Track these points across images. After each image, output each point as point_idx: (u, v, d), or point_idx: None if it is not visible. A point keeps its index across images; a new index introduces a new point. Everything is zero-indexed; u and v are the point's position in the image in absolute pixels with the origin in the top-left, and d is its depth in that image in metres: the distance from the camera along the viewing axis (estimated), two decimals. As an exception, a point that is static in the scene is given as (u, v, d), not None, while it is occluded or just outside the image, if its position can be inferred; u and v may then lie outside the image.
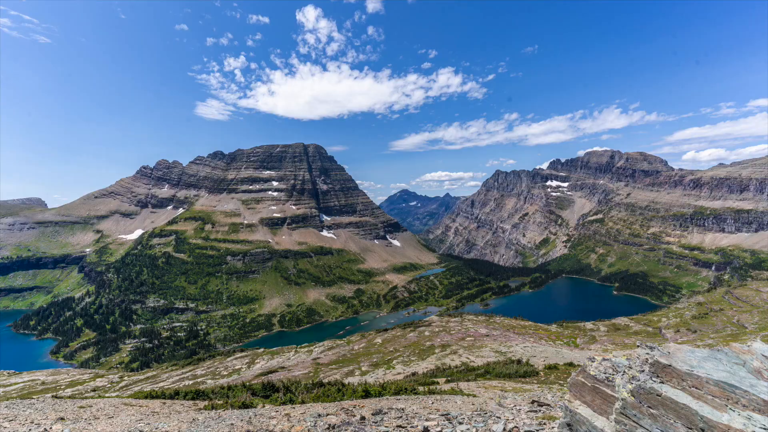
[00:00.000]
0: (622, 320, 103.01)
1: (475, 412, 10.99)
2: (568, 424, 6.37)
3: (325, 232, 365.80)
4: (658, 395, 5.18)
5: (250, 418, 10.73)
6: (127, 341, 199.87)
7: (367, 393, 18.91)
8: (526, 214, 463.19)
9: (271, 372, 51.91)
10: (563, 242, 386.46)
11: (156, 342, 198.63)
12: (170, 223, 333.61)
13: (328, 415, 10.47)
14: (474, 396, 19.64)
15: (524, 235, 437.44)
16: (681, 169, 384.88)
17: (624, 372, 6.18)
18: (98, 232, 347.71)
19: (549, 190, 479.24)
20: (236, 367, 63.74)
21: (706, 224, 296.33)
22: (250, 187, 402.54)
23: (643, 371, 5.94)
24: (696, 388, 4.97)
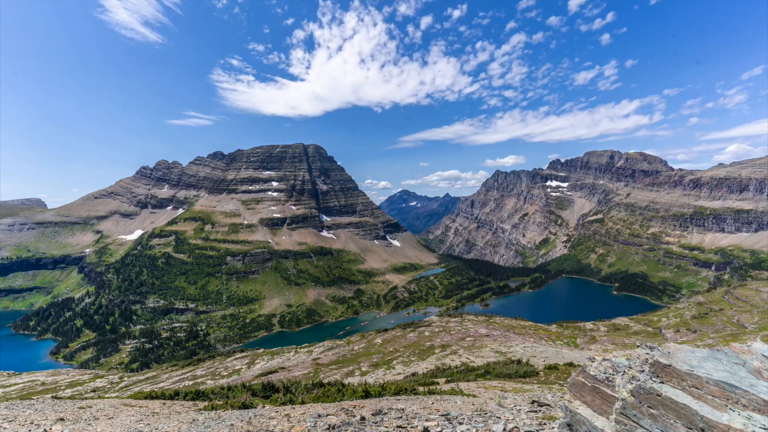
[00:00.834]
0: (622, 320, 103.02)
1: (475, 413, 10.99)
2: (568, 425, 6.37)
3: (325, 233, 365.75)
4: (658, 395, 5.18)
5: (250, 418, 10.73)
6: (127, 342, 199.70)
7: (367, 393, 18.90)
8: (526, 215, 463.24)
9: (271, 372, 51.89)
10: (563, 242, 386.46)
11: (156, 342, 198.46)
12: (170, 223, 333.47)
13: (328, 415, 10.47)
14: (474, 396, 19.64)
15: (524, 235, 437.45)
16: (681, 169, 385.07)
17: (624, 372, 6.18)
18: (98, 232, 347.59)
19: (549, 190, 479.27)
20: (236, 368, 63.70)
21: (706, 224, 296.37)
22: (250, 187, 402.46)
23: (643, 371, 5.94)
24: (696, 388, 4.97)
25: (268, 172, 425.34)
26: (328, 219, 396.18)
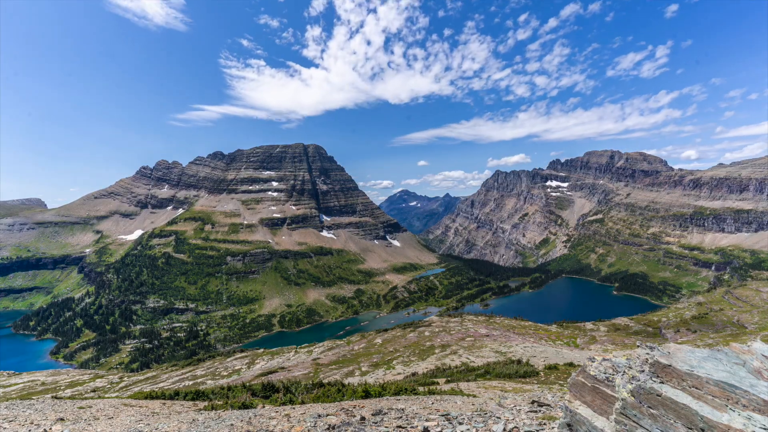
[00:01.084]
0: (622, 320, 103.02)
1: (475, 413, 10.98)
2: (568, 425, 6.37)
3: (325, 233, 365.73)
4: (658, 395, 5.17)
5: (250, 418, 10.73)
6: (127, 342, 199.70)
7: (367, 393, 18.89)
8: (526, 215, 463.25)
9: (271, 372, 51.89)
10: (563, 242, 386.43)
11: (156, 342, 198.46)
12: (170, 223, 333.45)
13: (328, 415, 10.47)
14: (474, 396, 19.64)
15: (524, 235, 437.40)
16: (681, 169, 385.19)
17: (624, 372, 6.17)
18: (98, 232, 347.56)
19: (549, 190, 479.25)
20: (236, 368, 63.69)
21: (706, 224, 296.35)
22: (250, 187, 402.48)
23: (643, 371, 5.94)
24: (696, 388, 4.97)
25: (268, 172, 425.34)
26: (328, 219, 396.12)
